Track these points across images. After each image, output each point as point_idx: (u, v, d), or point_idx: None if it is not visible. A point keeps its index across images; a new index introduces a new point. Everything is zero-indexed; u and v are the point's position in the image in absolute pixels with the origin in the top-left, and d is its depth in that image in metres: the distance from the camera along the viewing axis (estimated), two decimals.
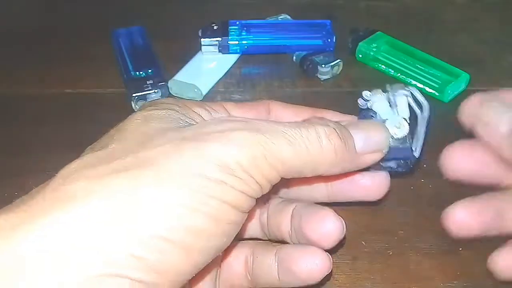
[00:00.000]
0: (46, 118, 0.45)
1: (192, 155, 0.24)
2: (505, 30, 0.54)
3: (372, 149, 0.29)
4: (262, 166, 0.25)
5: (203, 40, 0.48)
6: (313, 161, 0.27)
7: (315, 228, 0.30)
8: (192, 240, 0.23)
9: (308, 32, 0.49)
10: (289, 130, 0.26)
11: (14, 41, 0.54)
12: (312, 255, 0.30)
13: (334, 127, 0.28)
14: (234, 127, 0.26)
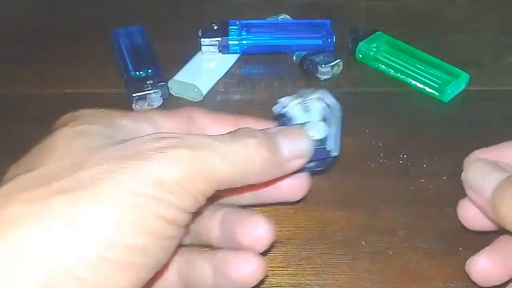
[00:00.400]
0: (46, 118, 0.45)
1: (131, 174, 0.25)
2: (505, 30, 0.54)
3: (297, 155, 0.30)
4: (198, 181, 0.26)
5: (203, 40, 0.48)
6: (244, 173, 0.28)
7: (248, 233, 0.31)
8: (132, 257, 0.24)
9: (308, 32, 0.49)
10: (222, 145, 0.27)
11: (14, 41, 0.54)
12: (247, 260, 0.30)
13: (262, 138, 0.29)
14: (171, 145, 0.26)
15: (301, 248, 0.36)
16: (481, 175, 0.31)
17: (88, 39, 0.53)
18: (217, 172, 0.27)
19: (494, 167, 0.31)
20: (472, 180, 0.31)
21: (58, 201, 0.23)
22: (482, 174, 0.31)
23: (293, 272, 0.34)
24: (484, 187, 0.30)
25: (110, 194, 0.24)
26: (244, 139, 0.28)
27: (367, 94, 0.48)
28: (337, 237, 0.36)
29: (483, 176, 0.31)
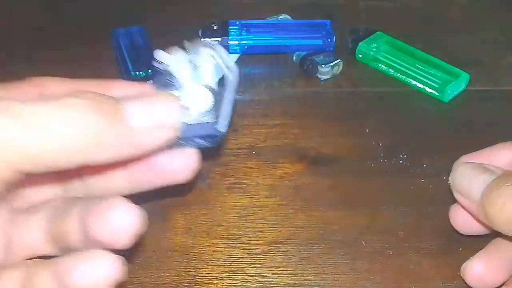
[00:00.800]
0: None
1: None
2: (505, 30, 0.54)
3: (155, 124, 0.23)
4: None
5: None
6: (65, 147, 0.21)
7: (100, 223, 0.23)
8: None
9: (308, 32, 0.49)
10: (23, 105, 0.20)
11: (14, 41, 0.54)
12: (93, 262, 0.23)
13: (93, 97, 0.22)
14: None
15: (301, 248, 0.36)
16: (468, 179, 0.30)
17: (88, 39, 0.53)
18: (16, 146, 0.20)
19: (481, 169, 0.30)
20: (460, 184, 0.31)
21: None
22: (469, 178, 0.30)
23: (293, 272, 0.34)
24: (472, 191, 0.30)
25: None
26: (66, 99, 0.21)
27: (367, 94, 0.47)
28: (337, 237, 0.36)
29: (470, 179, 0.30)
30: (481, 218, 0.29)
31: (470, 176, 0.30)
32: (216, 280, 0.34)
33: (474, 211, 0.30)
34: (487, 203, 0.28)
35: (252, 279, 0.34)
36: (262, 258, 0.35)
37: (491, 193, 0.28)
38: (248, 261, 0.35)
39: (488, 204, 0.28)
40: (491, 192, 0.28)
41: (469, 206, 0.31)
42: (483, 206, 0.28)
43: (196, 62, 0.26)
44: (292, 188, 0.39)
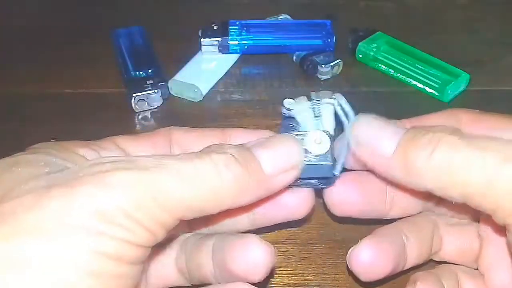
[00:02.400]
0: (46, 118, 0.45)
1: (60, 203, 0.21)
2: (505, 30, 0.54)
3: (284, 168, 0.26)
4: (150, 209, 0.22)
5: (203, 40, 0.48)
6: (215, 196, 0.24)
7: (239, 259, 0.26)
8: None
9: (308, 32, 0.49)
10: (180, 164, 0.23)
11: (14, 41, 0.54)
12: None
13: (233, 152, 0.25)
14: (113, 168, 0.22)
15: (301, 248, 0.36)
16: (376, 129, 0.27)
17: (88, 39, 0.53)
18: (176, 198, 0.23)
19: (386, 121, 0.27)
20: (364, 135, 0.27)
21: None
22: (377, 128, 0.27)
23: (293, 272, 0.34)
24: (382, 141, 0.26)
25: (30, 228, 0.20)
26: (211, 155, 0.24)
27: (367, 94, 0.47)
28: (337, 237, 0.36)
29: (379, 131, 0.26)
30: (394, 173, 0.26)
31: (377, 125, 0.27)
32: None
33: (383, 165, 0.26)
34: (410, 151, 0.25)
35: None
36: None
37: (416, 140, 0.25)
38: None
39: (411, 152, 0.25)
40: (414, 139, 0.25)
41: (376, 160, 0.27)
42: (403, 155, 0.25)
43: (318, 110, 0.29)
44: None
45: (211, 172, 0.24)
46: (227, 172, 0.24)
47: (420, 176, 0.25)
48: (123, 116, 0.45)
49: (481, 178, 0.23)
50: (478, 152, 0.23)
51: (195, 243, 0.30)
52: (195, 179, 0.23)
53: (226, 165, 0.24)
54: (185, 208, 0.23)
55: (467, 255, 0.31)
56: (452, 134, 0.24)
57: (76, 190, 0.21)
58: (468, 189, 0.23)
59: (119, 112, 0.45)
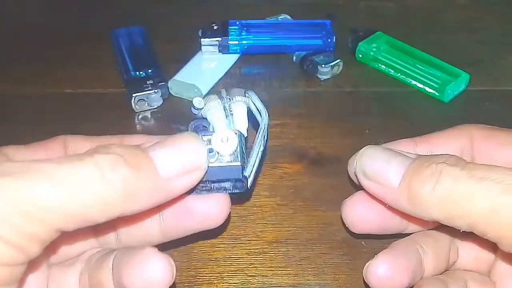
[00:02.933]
0: (46, 118, 0.45)
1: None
2: (505, 30, 0.54)
3: (184, 170, 0.24)
4: (13, 221, 0.19)
5: (203, 40, 0.48)
6: (100, 202, 0.21)
7: (134, 275, 0.24)
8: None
9: (308, 32, 0.49)
10: (56, 166, 0.20)
11: (14, 41, 0.54)
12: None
13: (120, 152, 0.22)
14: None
15: (301, 248, 0.36)
16: (382, 161, 0.27)
17: (88, 39, 0.53)
18: (50, 206, 0.20)
19: (393, 152, 0.27)
20: (371, 168, 0.27)
21: None
22: (383, 160, 0.27)
23: (293, 272, 0.34)
24: (389, 174, 0.26)
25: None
26: (94, 156, 0.21)
27: (367, 94, 0.47)
28: (337, 237, 0.36)
29: (385, 162, 0.26)
30: (401, 205, 0.26)
31: (383, 157, 0.27)
32: (216, 280, 0.34)
33: (390, 196, 0.27)
34: (414, 184, 0.25)
35: (252, 279, 0.34)
36: (262, 258, 0.35)
37: (419, 172, 0.25)
38: (248, 261, 0.35)
39: (416, 184, 0.25)
40: (418, 171, 0.25)
41: (384, 192, 0.27)
42: (408, 188, 0.25)
43: (230, 109, 0.27)
44: (292, 188, 0.39)
45: (93, 174, 0.21)
46: (112, 175, 0.21)
47: (426, 208, 0.25)
48: (123, 116, 0.45)
49: (483, 209, 0.23)
50: (479, 183, 0.23)
51: (98, 260, 0.27)
52: (73, 183, 0.21)
53: (111, 166, 0.21)
54: (63, 218, 0.21)
55: (483, 264, 0.31)
56: (455, 165, 0.25)
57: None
58: (472, 220, 0.24)
59: (119, 112, 0.45)
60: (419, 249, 0.30)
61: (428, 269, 0.30)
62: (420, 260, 0.30)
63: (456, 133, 0.31)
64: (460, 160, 0.25)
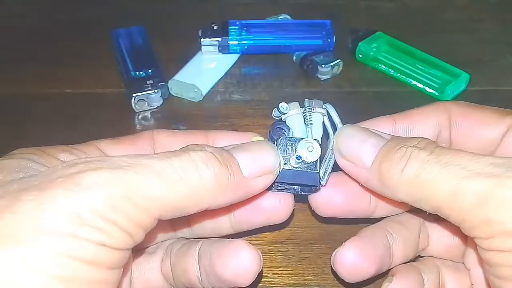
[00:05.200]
0: (46, 118, 0.45)
1: (31, 207, 0.20)
2: (505, 30, 0.54)
3: (261, 171, 0.27)
4: (126, 209, 0.21)
5: (203, 40, 0.48)
6: (194, 194, 0.24)
7: (228, 264, 0.27)
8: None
9: (308, 32, 0.49)
10: (158, 161, 0.23)
11: (14, 41, 0.54)
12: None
13: (212, 151, 0.25)
14: (85, 168, 0.21)
15: (301, 248, 0.36)
16: (357, 141, 0.28)
17: (88, 39, 0.53)
18: (153, 196, 0.22)
19: (369, 132, 0.28)
20: (347, 147, 0.28)
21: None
22: (358, 140, 0.28)
23: (293, 272, 0.34)
24: (362, 153, 0.27)
25: (3, 235, 0.20)
26: (190, 153, 0.24)
27: (367, 94, 0.47)
28: (337, 237, 0.36)
29: (359, 142, 0.27)
30: (372, 184, 0.27)
31: (358, 138, 0.28)
32: None
33: (362, 176, 0.28)
34: (384, 166, 0.26)
35: None
36: (262, 258, 0.35)
37: (390, 155, 0.26)
38: None
39: (386, 167, 0.26)
40: (389, 154, 0.26)
41: (357, 171, 0.28)
42: (379, 169, 0.26)
43: (310, 118, 0.29)
44: None
45: (189, 169, 0.23)
46: (206, 170, 0.24)
47: (394, 189, 0.26)
48: (123, 116, 0.45)
49: (446, 192, 0.24)
50: (444, 168, 0.24)
51: (181, 248, 0.30)
52: (172, 176, 0.23)
53: (205, 162, 0.24)
54: (163, 207, 0.23)
55: (454, 250, 0.31)
56: (424, 149, 0.25)
57: (48, 193, 0.21)
58: (436, 202, 0.24)
59: (119, 112, 0.45)
60: (388, 236, 0.30)
61: (397, 255, 0.30)
62: (389, 247, 0.30)
63: (435, 109, 0.31)
64: (430, 144, 0.26)
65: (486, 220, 0.22)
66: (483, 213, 0.22)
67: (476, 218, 0.23)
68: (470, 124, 0.30)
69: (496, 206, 0.22)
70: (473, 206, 0.23)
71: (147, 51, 0.49)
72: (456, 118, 0.30)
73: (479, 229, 0.23)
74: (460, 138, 0.30)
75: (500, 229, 0.22)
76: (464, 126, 0.30)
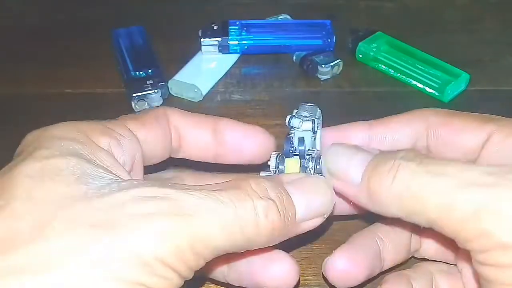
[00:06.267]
0: (46, 118, 0.45)
1: (103, 250, 0.20)
2: (505, 30, 0.54)
3: (314, 216, 0.26)
4: (187, 257, 0.22)
5: (203, 40, 0.48)
6: (246, 240, 0.24)
7: (270, 273, 0.28)
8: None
9: (308, 32, 0.49)
10: (223, 209, 0.23)
11: (14, 41, 0.54)
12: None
13: (275, 199, 0.24)
14: (157, 211, 0.22)
15: (301, 248, 0.36)
16: (344, 158, 0.27)
17: (88, 39, 0.53)
18: (212, 243, 0.23)
19: (356, 148, 0.28)
20: (335, 165, 0.28)
21: (4, 283, 0.19)
22: (345, 157, 0.27)
23: None
24: (350, 170, 0.27)
25: (76, 280, 0.20)
26: (253, 200, 0.24)
27: (367, 94, 0.47)
28: (337, 237, 0.36)
29: (347, 159, 0.27)
30: (362, 200, 0.26)
31: (345, 155, 0.27)
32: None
33: (352, 194, 0.27)
34: (373, 181, 0.25)
35: None
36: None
37: (378, 169, 0.25)
38: None
39: (374, 181, 0.25)
40: (377, 168, 0.25)
41: (346, 189, 0.27)
42: (367, 185, 0.25)
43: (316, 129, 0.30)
44: None
45: (250, 220, 0.23)
46: (266, 222, 0.24)
47: (385, 204, 0.25)
48: None
49: (439, 204, 0.23)
50: (435, 178, 0.23)
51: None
52: (234, 227, 0.23)
53: (266, 214, 0.24)
54: (216, 252, 0.23)
55: (447, 252, 0.31)
56: (412, 160, 0.24)
57: (118, 234, 0.21)
58: (430, 215, 0.23)
59: (119, 112, 0.45)
60: (378, 240, 0.30)
61: (387, 259, 0.30)
62: (379, 252, 0.30)
63: (412, 118, 0.31)
64: (418, 155, 0.25)
65: (481, 233, 0.22)
66: (478, 226, 0.22)
67: (471, 231, 0.22)
68: (449, 133, 0.29)
69: (492, 218, 0.21)
70: (468, 219, 0.22)
71: (147, 51, 0.49)
72: (434, 127, 0.30)
73: (475, 242, 0.22)
74: (439, 148, 0.29)
75: (496, 243, 0.21)
76: (443, 135, 0.29)
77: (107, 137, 0.26)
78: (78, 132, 0.25)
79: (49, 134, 0.25)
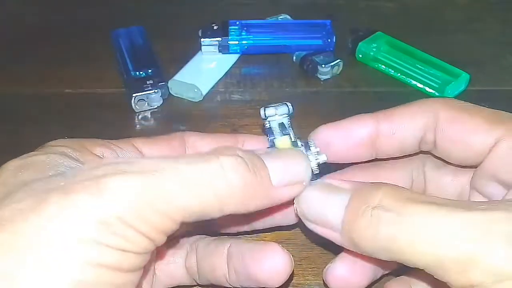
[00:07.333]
0: (46, 118, 0.45)
1: (56, 211, 0.20)
2: (505, 30, 0.54)
3: (291, 182, 0.26)
4: (149, 216, 0.21)
5: (203, 40, 0.48)
6: (218, 201, 0.23)
7: (263, 267, 0.27)
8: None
9: (308, 32, 0.49)
10: (185, 166, 0.22)
11: (14, 40, 0.54)
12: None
13: (243, 156, 0.24)
14: (112, 171, 0.21)
15: (301, 248, 0.36)
16: (319, 205, 0.26)
17: (88, 39, 0.53)
18: (178, 202, 0.22)
19: (329, 189, 0.26)
20: (311, 212, 0.27)
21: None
22: (320, 203, 0.26)
23: (293, 272, 0.34)
24: (328, 218, 0.26)
25: (26, 239, 0.20)
26: (219, 157, 0.23)
27: (367, 94, 0.47)
28: None
29: (322, 206, 0.26)
30: (346, 246, 0.26)
31: (320, 201, 0.26)
32: None
33: (334, 239, 0.26)
34: (356, 235, 0.24)
35: None
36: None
37: (357, 222, 0.24)
38: None
39: (358, 235, 0.24)
40: (356, 221, 0.24)
41: (328, 234, 0.26)
42: (349, 236, 0.25)
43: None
44: None
45: (217, 175, 0.23)
46: (234, 176, 0.23)
47: (372, 253, 0.25)
48: (123, 116, 0.45)
49: (427, 260, 0.23)
50: (419, 232, 0.23)
51: (208, 246, 0.30)
52: (199, 183, 0.22)
53: (234, 168, 0.23)
54: (187, 213, 0.22)
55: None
56: (391, 210, 0.23)
57: (74, 196, 0.21)
58: (418, 264, 0.23)
59: (119, 112, 0.45)
60: None
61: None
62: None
63: (420, 110, 0.29)
64: (396, 199, 0.24)
65: (469, 285, 0.22)
66: (465, 278, 0.22)
67: (459, 282, 0.22)
68: (457, 131, 0.28)
69: (479, 272, 0.22)
70: (455, 272, 0.22)
71: (147, 51, 0.49)
72: (443, 123, 0.29)
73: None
74: (445, 144, 0.29)
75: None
76: (450, 134, 0.28)
77: (103, 147, 0.27)
78: (77, 143, 0.26)
79: (46, 144, 0.26)
